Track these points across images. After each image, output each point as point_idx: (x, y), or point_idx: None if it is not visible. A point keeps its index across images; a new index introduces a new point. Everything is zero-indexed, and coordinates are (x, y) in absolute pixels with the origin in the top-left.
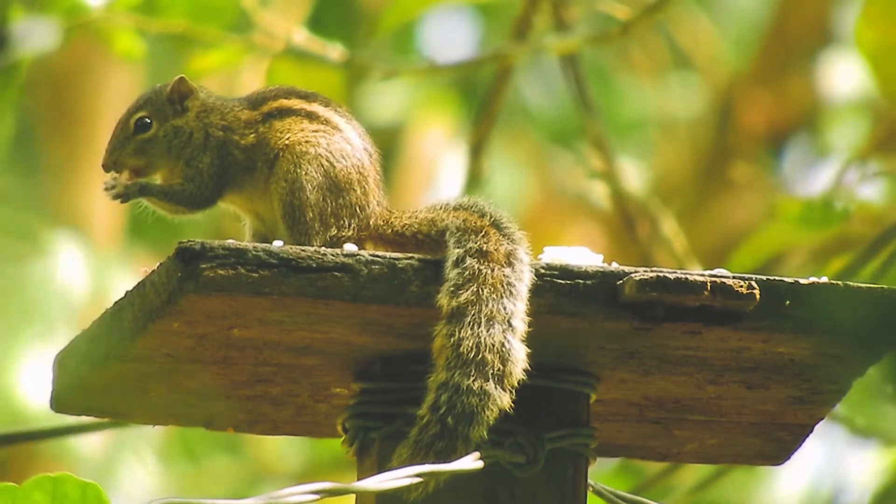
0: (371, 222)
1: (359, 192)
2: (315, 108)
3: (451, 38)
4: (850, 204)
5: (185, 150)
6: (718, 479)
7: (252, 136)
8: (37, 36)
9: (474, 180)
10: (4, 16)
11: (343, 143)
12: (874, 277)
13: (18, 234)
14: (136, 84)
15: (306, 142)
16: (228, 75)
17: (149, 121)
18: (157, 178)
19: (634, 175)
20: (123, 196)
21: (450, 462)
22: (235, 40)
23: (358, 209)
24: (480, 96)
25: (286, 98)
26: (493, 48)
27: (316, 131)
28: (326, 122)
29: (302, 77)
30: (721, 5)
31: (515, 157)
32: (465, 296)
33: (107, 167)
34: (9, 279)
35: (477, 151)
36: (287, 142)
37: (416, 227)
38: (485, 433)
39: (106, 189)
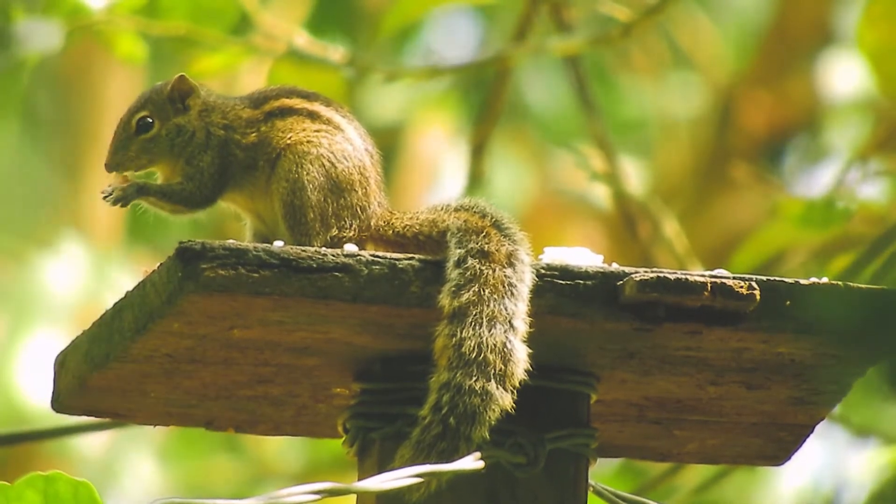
0: (372, 223)
1: (360, 193)
2: (317, 107)
3: (452, 39)
4: (852, 204)
5: (187, 149)
6: (720, 480)
7: (253, 134)
8: (39, 38)
9: (475, 180)
10: (7, 18)
11: (345, 143)
12: (875, 278)
13: (20, 234)
14: (136, 86)
15: (308, 142)
16: (229, 78)
17: (150, 120)
18: (158, 177)
19: (635, 175)
20: (122, 199)
21: (451, 462)
22: (236, 43)
23: (359, 210)
24: (481, 97)
25: (288, 97)
26: (495, 49)
27: (318, 131)
28: (328, 122)
29: (303, 79)
30: (721, 5)
31: (516, 157)
32: (466, 296)
33: (109, 168)
34: (10, 279)
35: (478, 152)
36: (289, 141)
37: (418, 228)
38: (487, 433)
39: (104, 196)
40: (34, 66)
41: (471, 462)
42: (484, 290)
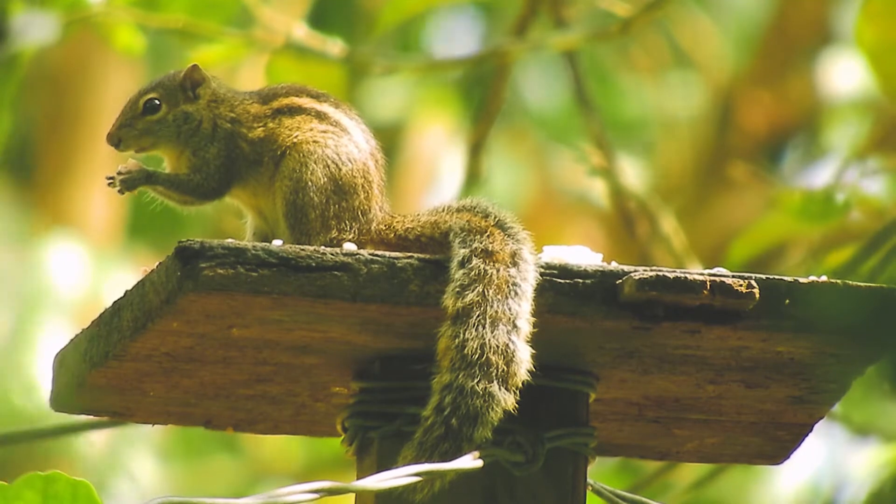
0: (372, 227)
1: (362, 196)
2: (325, 108)
3: (453, 35)
4: (851, 197)
5: (193, 139)
6: (716, 476)
7: (260, 129)
8: (36, 30)
9: (473, 179)
10: (4, 10)
11: (351, 145)
12: (873, 274)
13: (18, 234)
14: (136, 83)
15: (314, 142)
16: (229, 71)
17: (158, 103)
18: (165, 167)
19: (634, 173)
20: (130, 185)
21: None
22: (235, 35)
23: (360, 213)
24: (481, 95)
25: (297, 96)
26: (493, 45)
27: (325, 132)
28: (336, 123)
29: (302, 73)
30: (721, 5)
31: (515, 156)
32: (470, 297)
33: (111, 139)
34: (9, 278)
35: (476, 150)
36: (295, 140)
37: (420, 230)
38: (489, 434)
39: (110, 182)
40: (31, 59)
41: (469, 461)
42: (488, 291)
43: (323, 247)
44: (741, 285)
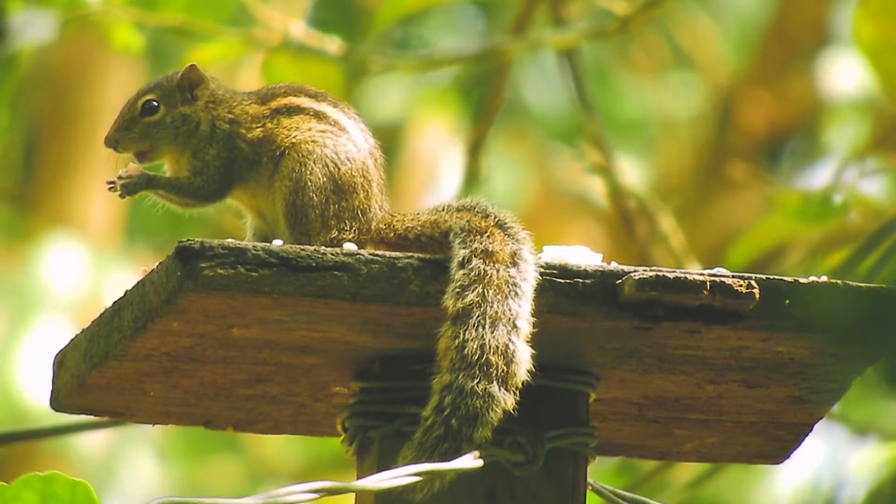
0: (372, 226)
1: (362, 195)
2: (324, 107)
3: (453, 36)
4: (849, 198)
5: (192, 141)
6: (714, 475)
7: (259, 130)
8: (34, 29)
9: (472, 179)
10: (2, 8)
11: (350, 145)
12: (871, 273)
13: (18, 233)
14: (136, 83)
15: (313, 141)
16: (228, 69)
17: (156, 104)
18: (166, 171)
19: (633, 173)
20: (130, 188)
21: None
22: (233, 34)
23: (360, 213)
24: (480, 94)
25: (295, 96)
26: (491, 43)
27: (323, 131)
28: (335, 123)
29: (299, 71)
30: (721, 5)
31: (515, 156)
32: (470, 297)
33: (108, 142)
34: (8, 277)
35: (475, 150)
36: (294, 140)
37: (419, 229)
38: (489, 434)
39: (111, 186)
40: (29, 58)
41: (469, 461)
42: (488, 291)
43: (323, 247)
44: (741, 285)
